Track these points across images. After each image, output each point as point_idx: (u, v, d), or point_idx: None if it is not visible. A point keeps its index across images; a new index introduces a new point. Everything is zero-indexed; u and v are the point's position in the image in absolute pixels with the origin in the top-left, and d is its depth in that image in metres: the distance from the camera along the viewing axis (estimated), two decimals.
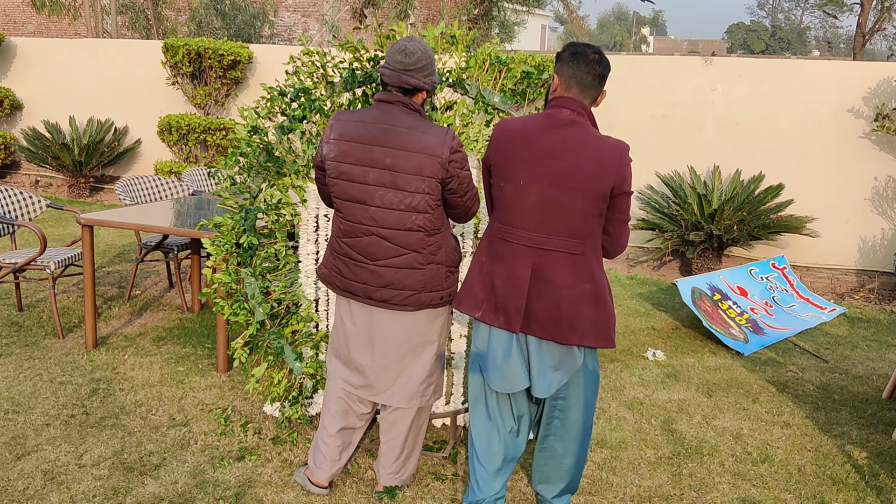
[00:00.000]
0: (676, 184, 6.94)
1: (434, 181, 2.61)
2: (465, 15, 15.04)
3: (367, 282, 2.73)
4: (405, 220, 2.63)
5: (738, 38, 61.53)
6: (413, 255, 2.69)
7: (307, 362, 3.47)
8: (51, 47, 9.93)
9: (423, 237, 2.67)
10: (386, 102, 2.65)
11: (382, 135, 2.60)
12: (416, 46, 2.61)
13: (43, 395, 3.80)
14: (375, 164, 2.60)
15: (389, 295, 2.72)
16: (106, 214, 4.33)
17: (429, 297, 2.75)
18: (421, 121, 2.64)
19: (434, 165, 2.58)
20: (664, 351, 4.91)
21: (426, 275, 2.72)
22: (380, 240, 2.67)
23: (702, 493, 3.19)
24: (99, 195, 9.65)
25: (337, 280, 2.80)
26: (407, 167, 2.58)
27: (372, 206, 2.64)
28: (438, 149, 2.58)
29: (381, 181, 2.61)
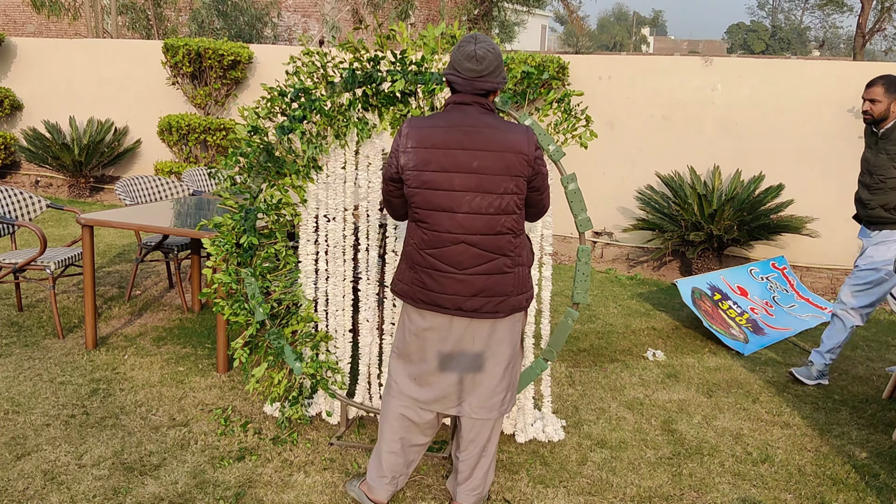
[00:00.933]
0: (676, 184, 6.93)
1: (522, 180, 2.54)
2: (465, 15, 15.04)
3: (457, 292, 2.60)
4: (494, 223, 2.54)
5: (738, 38, 61.54)
6: (502, 260, 2.59)
7: (307, 362, 3.47)
8: (51, 47, 9.93)
9: (511, 239, 2.59)
10: (462, 104, 2.56)
11: (465, 137, 2.50)
12: (484, 50, 2.52)
13: (43, 395, 3.80)
14: (461, 168, 2.50)
15: (481, 303, 2.61)
16: (106, 214, 4.33)
17: (518, 301, 2.66)
18: (500, 119, 2.57)
19: (521, 163, 2.51)
20: (664, 351, 4.91)
21: (515, 278, 2.64)
22: (469, 247, 2.56)
23: (702, 493, 3.19)
24: (99, 195, 9.65)
25: (422, 294, 2.65)
26: (494, 168, 2.50)
27: (460, 213, 2.53)
28: (524, 146, 2.52)
29: (468, 186, 2.51)
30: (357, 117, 3.36)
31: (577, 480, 3.23)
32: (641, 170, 7.39)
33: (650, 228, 6.96)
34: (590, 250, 3.31)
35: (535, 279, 3.43)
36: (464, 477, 2.88)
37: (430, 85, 3.19)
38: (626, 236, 7.53)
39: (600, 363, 4.64)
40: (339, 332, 3.57)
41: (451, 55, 2.59)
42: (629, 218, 7.48)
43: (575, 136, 3.36)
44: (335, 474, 3.20)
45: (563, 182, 3.24)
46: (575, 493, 3.13)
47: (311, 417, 3.68)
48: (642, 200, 7.16)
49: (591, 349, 4.89)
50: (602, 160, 7.56)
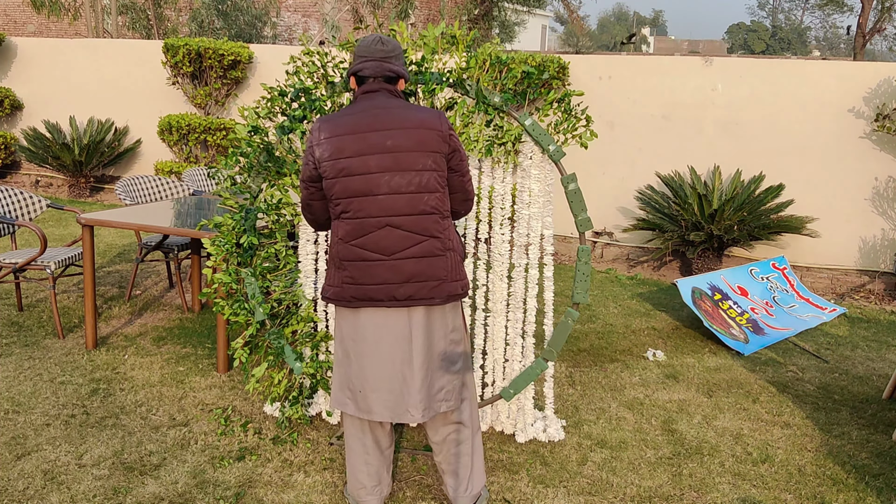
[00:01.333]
0: (677, 184, 6.93)
1: (439, 156, 2.53)
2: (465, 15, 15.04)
3: (387, 280, 2.53)
4: (417, 202, 2.50)
5: (738, 38, 61.53)
6: (431, 242, 2.55)
7: (307, 362, 3.47)
8: (51, 47, 9.93)
9: (438, 220, 2.55)
10: (370, 92, 2.58)
11: (375, 119, 2.50)
12: (387, 37, 2.63)
13: (43, 395, 3.80)
14: (375, 149, 2.48)
15: (414, 290, 2.54)
16: (106, 214, 4.33)
17: (453, 287, 2.60)
18: (409, 103, 2.60)
19: (436, 139, 2.52)
20: (664, 351, 4.91)
21: (447, 262, 2.58)
22: (393, 230, 2.51)
23: (702, 493, 3.19)
24: (99, 195, 9.65)
25: (352, 291, 2.57)
26: (408, 144, 2.49)
27: (380, 195, 2.49)
28: (436, 122, 2.54)
29: (384, 165, 2.48)
30: None
31: (578, 480, 3.23)
32: (641, 170, 7.39)
33: (650, 228, 6.95)
34: (590, 250, 3.31)
35: (536, 279, 3.43)
36: (451, 481, 2.85)
37: (431, 85, 3.19)
38: (627, 236, 7.53)
39: (600, 363, 4.64)
40: None
41: (355, 52, 2.63)
42: (629, 218, 7.48)
43: (575, 136, 3.36)
44: (335, 474, 3.20)
45: (563, 182, 3.24)
46: (575, 493, 3.13)
47: (311, 417, 3.68)
48: (642, 200, 7.16)
49: (592, 349, 4.88)
50: (602, 160, 7.56)
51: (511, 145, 3.33)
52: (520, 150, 3.35)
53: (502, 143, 3.33)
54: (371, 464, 2.81)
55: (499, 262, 3.45)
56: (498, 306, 3.49)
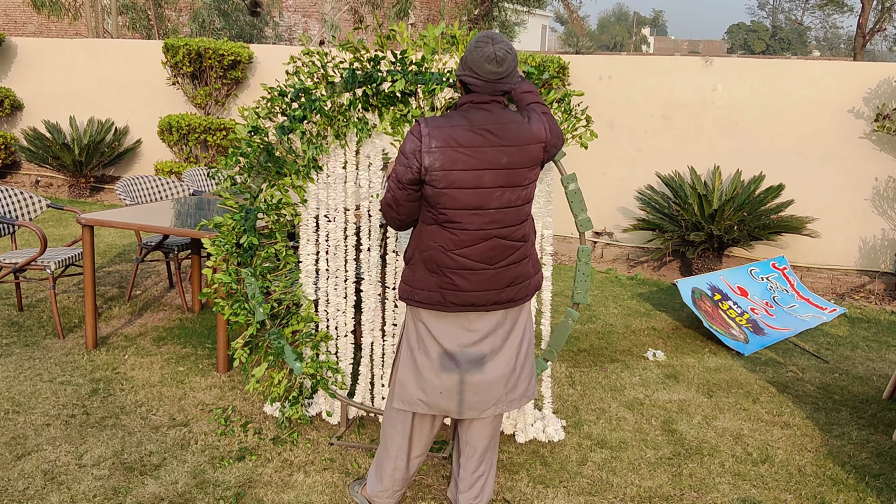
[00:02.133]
0: (677, 184, 6.93)
1: (537, 169, 2.62)
2: (465, 15, 15.04)
3: (490, 287, 2.58)
4: (521, 214, 2.60)
5: (738, 38, 61.53)
6: (525, 246, 2.66)
7: (307, 362, 3.47)
8: (51, 47, 9.93)
9: (531, 224, 2.69)
10: (482, 104, 2.52)
11: (493, 136, 2.49)
12: (504, 52, 2.47)
13: (43, 395, 3.80)
14: (490, 165, 2.48)
15: (514, 292, 2.64)
16: (106, 214, 4.33)
17: (538, 280, 2.74)
18: (516, 112, 2.59)
19: (540, 151, 2.58)
20: (664, 351, 4.91)
21: (534, 258, 2.72)
22: (499, 241, 2.57)
23: (702, 493, 3.19)
24: (99, 195, 9.65)
25: (453, 297, 2.58)
26: (522, 161, 2.53)
27: (491, 209, 2.52)
28: (542, 133, 2.58)
29: (498, 182, 2.50)
30: (357, 117, 3.36)
31: (578, 480, 3.23)
32: (642, 170, 7.39)
33: (650, 228, 6.95)
34: (590, 250, 3.31)
35: None
36: (466, 485, 2.84)
37: (431, 85, 3.19)
38: (627, 236, 7.53)
39: (600, 363, 4.64)
40: (339, 332, 3.57)
41: (466, 55, 2.51)
42: (629, 218, 7.48)
43: (575, 136, 3.36)
44: (335, 474, 3.20)
45: (563, 182, 3.24)
46: (575, 493, 3.13)
47: (312, 417, 3.68)
48: (642, 200, 7.16)
49: (592, 349, 4.89)
50: (602, 160, 7.56)
51: None
52: None
53: None
54: (399, 469, 2.82)
55: None
56: None
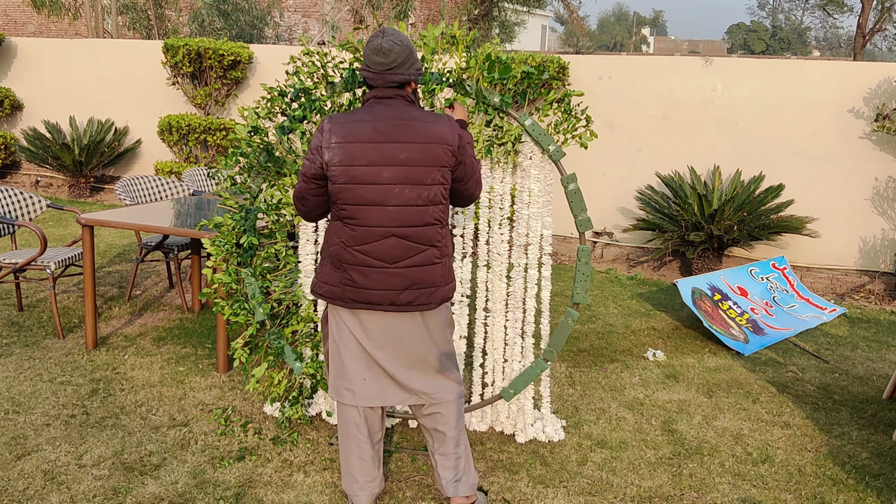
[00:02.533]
0: (677, 184, 6.93)
1: (447, 170, 2.58)
2: (465, 15, 15.04)
3: (389, 287, 2.59)
4: (423, 214, 2.57)
5: (738, 38, 61.53)
6: (432, 251, 2.63)
7: (307, 362, 3.47)
8: (51, 47, 9.93)
9: (438, 230, 2.64)
10: (385, 98, 2.57)
11: (393, 130, 2.52)
12: (391, 44, 2.52)
13: (43, 395, 3.80)
14: (390, 161, 2.51)
15: (414, 296, 2.62)
16: (106, 214, 4.33)
17: (446, 292, 2.71)
18: (425, 111, 2.61)
19: (447, 154, 2.56)
20: (664, 351, 4.91)
21: (443, 268, 2.68)
22: (399, 240, 2.57)
23: (702, 493, 3.19)
24: (99, 195, 9.65)
25: (353, 293, 2.62)
26: (423, 159, 2.52)
27: (390, 206, 2.53)
28: (449, 136, 2.56)
29: (397, 178, 2.52)
30: None
31: (578, 480, 3.23)
32: (641, 170, 7.39)
33: (650, 228, 6.96)
34: (590, 250, 3.31)
35: (535, 279, 3.43)
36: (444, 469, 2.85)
37: (430, 85, 3.19)
38: (627, 236, 7.53)
39: (600, 363, 4.64)
40: None
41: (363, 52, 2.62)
42: (629, 218, 7.48)
43: (575, 136, 3.36)
44: (335, 474, 3.19)
45: (563, 182, 3.24)
46: (575, 493, 3.13)
47: (311, 417, 3.68)
48: (642, 200, 7.16)
49: (591, 349, 4.88)
50: (602, 160, 7.56)
51: (511, 145, 3.33)
52: (520, 150, 3.35)
53: (502, 144, 3.33)
54: (364, 458, 2.84)
55: (498, 261, 3.45)
56: (497, 306, 3.49)
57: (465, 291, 3.53)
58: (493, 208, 3.45)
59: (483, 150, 3.31)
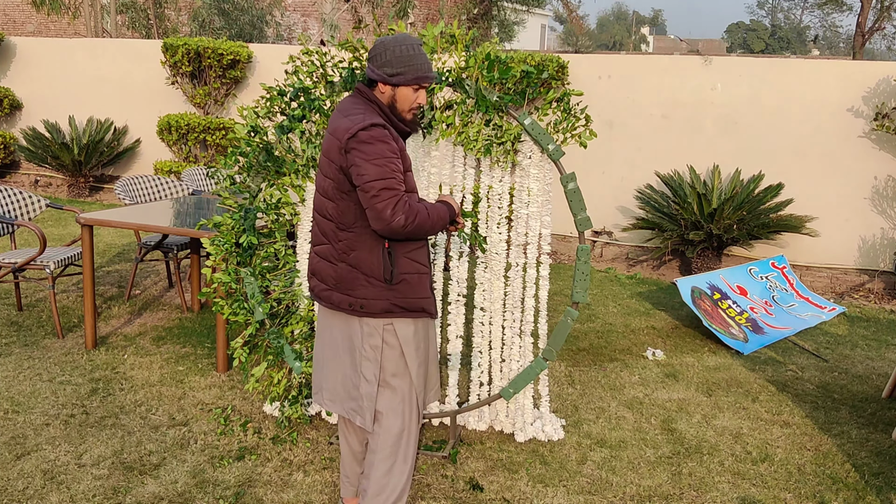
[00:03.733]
0: (676, 183, 6.93)
1: (335, 167, 2.47)
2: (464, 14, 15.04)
3: (316, 271, 2.64)
4: (322, 205, 2.58)
5: (737, 37, 61.51)
6: (328, 247, 2.57)
7: (307, 362, 3.47)
8: (50, 47, 9.92)
9: (334, 228, 2.53)
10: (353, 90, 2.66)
11: (331, 121, 2.57)
12: (381, 39, 2.54)
13: (43, 395, 3.80)
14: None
15: (314, 283, 2.65)
16: (105, 214, 4.33)
17: (338, 298, 2.54)
18: (358, 106, 2.49)
19: (336, 149, 2.46)
20: (664, 350, 4.91)
21: (337, 272, 2.53)
22: (317, 226, 2.62)
23: (702, 492, 3.19)
24: (98, 195, 9.65)
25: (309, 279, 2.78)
26: (326, 149, 2.52)
27: (318, 192, 2.62)
28: (342, 132, 2.43)
29: (319, 163, 2.61)
30: None
31: (577, 479, 3.23)
32: (641, 169, 7.39)
33: (650, 228, 6.96)
34: (589, 249, 3.31)
35: (533, 278, 3.43)
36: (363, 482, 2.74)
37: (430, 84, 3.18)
38: (626, 235, 7.53)
39: (600, 362, 4.65)
40: None
41: None
42: (629, 217, 7.48)
43: (574, 135, 3.36)
44: (335, 473, 3.20)
45: (562, 181, 3.24)
46: (575, 492, 3.14)
47: (311, 417, 3.68)
48: (642, 200, 7.16)
49: (591, 348, 4.89)
50: (601, 159, 7.56)
51: (510, 144, 3.33)
52: (519, 149, 3.35)
53: (501, 143, 3.33)
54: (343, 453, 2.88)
55: (496, 261, 3.45)
56: (495, 305, 3.49)
57: (461, 291, 3.53)
58: (491, 207, 3.45)
59: (482, 150, 3.31)
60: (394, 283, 2.52)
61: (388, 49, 2.48)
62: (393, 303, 2.53)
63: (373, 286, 2.51)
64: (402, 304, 2.55)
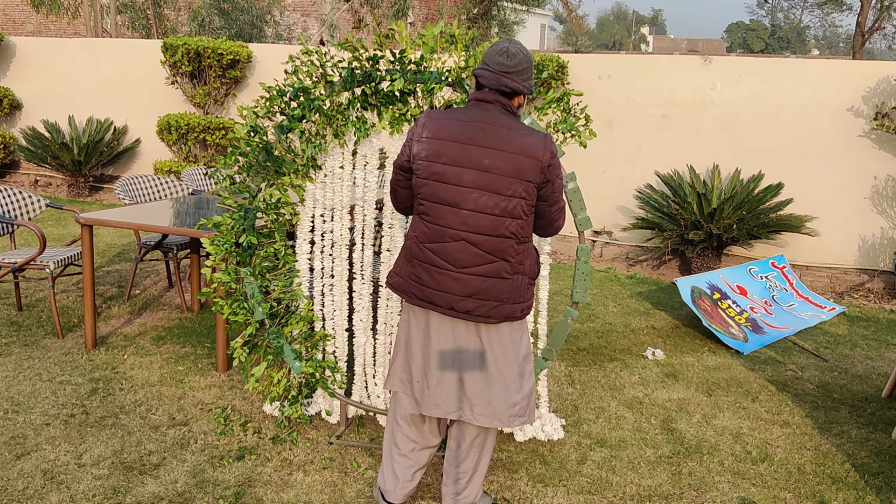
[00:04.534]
0: (676, 183, 6.94)
1: (532, 185, 2.48)
2: (464, 14, 15.04)
3: (451, 291, 2.55)
4: (498, 225, 2.49)
5: (737, 37, 61.53)
6: (501, 264, 2.53)
7: (306, 361, 3.47)
8: (50, 47, 9.92)
9: (513, 245, 2.53)
10: (484, 102, 2.54)
11: (481, 134, 2.48)
12: (517, 49, 2.53)
13: (42, 395, 3.80)
14: (472, 164, 2.47)
15: (474, 305, 2.55)
16: (105, 214, 4.33)
17: (512, 310, 2.59)
18: (520, 123, 2.54)
19: (533, 168, 2.46)
20: (664, 350, 4.91)
21: (513, 285, 2.57)
22: (469, 246, 2.51)
23: (701, 492, 3.20)
24: (98, 195, 9.65)
25: (416, 290, 2.61)
26: (505, 168, 2.45)
27: (465, 210, 2.49)
28: (539, 151, 2.47)
29: (477, 183, 2.47)
30: (356, 116, 3.36)
31: (577, 479, 3.23)
32: (641, 169, 7.39)
33: (650, 227, 6.96)
34: (589, 249, 3.31)
35: None
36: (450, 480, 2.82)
37: (429, 84, 3.19)
38: (626, 235, 7.53)
39: (600, 362, 4.65)
40: (336, 331, 3.57)
41: (484, 54, 2.61)
42: (629, 217, 7.48)
43: (574, 135, 3.36)
44: (335, 473, 3.20)
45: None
46: (574, 491, 3.14)
47: (311, 416, 3.68)
48: (642, 199, 7.16)
49: (591, 348, 4.89)
50: (601, 159, 7.56)
51: None
52: None
53: None
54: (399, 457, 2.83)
55: None
56: None
57: None
58: None
59: None
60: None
61: (530, 63, 2.56)
62: (531, 295, 2.71)
63: (531, 287, 2.67)
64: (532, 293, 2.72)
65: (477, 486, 2.84)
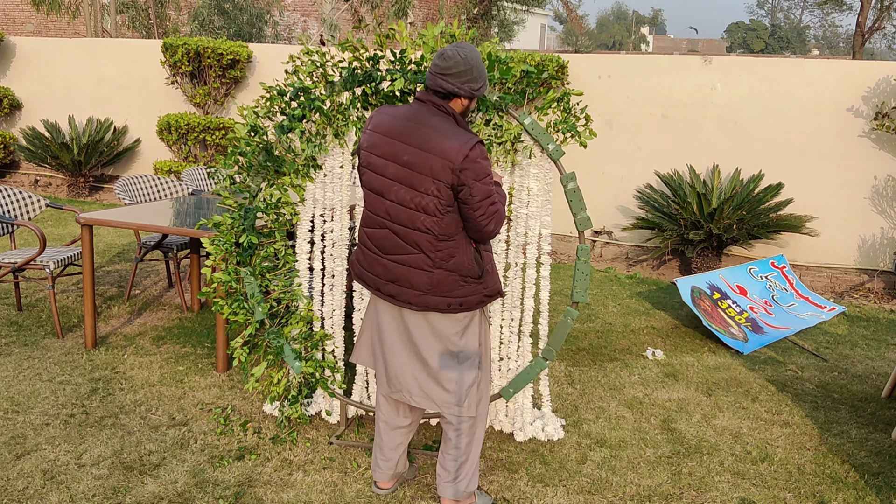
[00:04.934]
0: (676, 183, 6.93)
1: (444, 185, 2.58)
2: (464, 14, 15.04)
3: (378, 274, 2.76)
4: (414, 219, 2.64)
5: (737, 37, 61.50)
6: (421, 256, 2.67)
7: (306, 361, 3.47)
8: (50, 47, 9.92)
9: (431, 240, 2.65)
10: (419, 101, 2.69)
11: (407, 132, 2.62)
12: (455, 52, 2.61)
13: (42, 395, 3.80)
14: (395, 159, 2.63)
15: (395, 291, 2.73)
16: (105, 214, 4.33)
17: (435, 302, 2.70)
18: (449, 124, 2.61)
19: (444, 169, 2.56)
20: (664, 350, 4.91)
21: (433, 278, 2.68)
22: (391, 234, 2.69)
23: (701, 492, 3.20)
24: (98, 194, 9.64)
25: (357, 269, 2.87)
26: (420, 166, 2.59)
27: (388, 200, 2.67)
28: (453, 153, 2.55)
29: (398, 177, 2.63)
30: (356, 116, 3.36)
31: (577, 479, 3.23)
32: (641, 169, 7.39)
33: (650, 227, 6.96)
34: (589, 249, 3.31)
35: (533, 279, 3.43)
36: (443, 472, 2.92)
37: None
38: (626, 235, 7.53)
39: (600, 362, 4.65)
40: (335, 330, 3.57)
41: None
42: (629, 217, 7.48)
43: (574, 135, 3.36)
44: (334, 473, 3.20)
45: (562, 181, 3.24)
46: (574, 491, 3.14)
47: (311, 416, 3.68)
48: (642, 199, 7.16)
49: (591, 348, 4.89)
50: (601, 159, 7.56)
51: (510, 144, 3.33)
52: (519, 149, 3.35)
53: (501, 143, 3.33)
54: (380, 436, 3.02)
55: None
56: (494, 305, 3.49)
57: None
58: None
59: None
60: (482, 278, 2.77)
61: (474, 66, 2.64)
62: (484, 294, 2.78)
63: (468, 284, 2.73)
64: (488, 292, 2.80)
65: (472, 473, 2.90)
